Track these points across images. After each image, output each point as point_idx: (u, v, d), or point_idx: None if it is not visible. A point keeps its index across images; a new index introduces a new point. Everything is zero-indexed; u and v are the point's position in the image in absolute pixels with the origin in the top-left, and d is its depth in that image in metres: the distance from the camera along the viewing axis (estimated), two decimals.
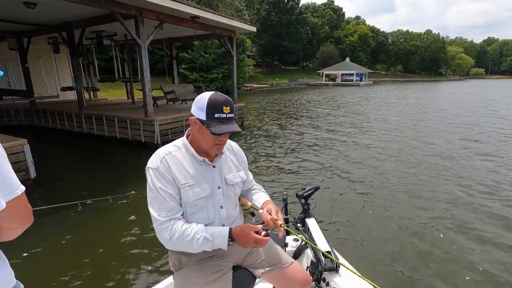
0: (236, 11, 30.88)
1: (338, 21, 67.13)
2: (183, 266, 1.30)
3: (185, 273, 1.28)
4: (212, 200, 1.27)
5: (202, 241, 1.15)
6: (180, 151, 1.26)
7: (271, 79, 45.45)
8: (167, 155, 1.22)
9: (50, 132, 9.63)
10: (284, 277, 1.38)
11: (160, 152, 1.24)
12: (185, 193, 1.21)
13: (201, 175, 1.25)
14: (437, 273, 2.73)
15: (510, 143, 7.85)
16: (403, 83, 57.22)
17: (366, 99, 22.36)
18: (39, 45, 10.86)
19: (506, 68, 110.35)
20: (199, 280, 1.23)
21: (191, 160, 1.25)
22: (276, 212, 1.28)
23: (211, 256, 1.30)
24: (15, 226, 0.82)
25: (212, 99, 1.16)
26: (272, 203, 1.38)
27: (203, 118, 1.16)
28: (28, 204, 0.82)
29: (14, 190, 0.76)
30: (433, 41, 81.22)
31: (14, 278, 0.88)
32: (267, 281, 1.43)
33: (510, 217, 3.78)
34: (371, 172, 5.57)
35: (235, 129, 1.17)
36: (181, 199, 1.22)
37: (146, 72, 7.13)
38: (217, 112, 1.15)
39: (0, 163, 0.73)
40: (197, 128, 1.21)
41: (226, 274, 1.28)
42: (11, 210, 0.75)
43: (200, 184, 1.24)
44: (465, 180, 5.08)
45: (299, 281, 1.37)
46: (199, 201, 1.23)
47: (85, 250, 3.15)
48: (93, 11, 6.68)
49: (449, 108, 16.04)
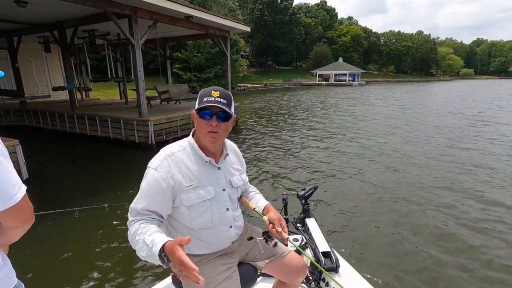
0: (230, 11, 30.82)
1: (331, 22, 67.56)
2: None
3: (198, 273, 1.25)
4: (217, 203, 1.25)
5: (142, 243, 1.03)
6: (184, 151, 1.23)
7: (265, 79, 45.49)
8: (170, 157, 1.18)
9: (41, 132, 9.48)
10: (283, 265, 1.42)
11: (163, 153, 1.20)
12: (187, 196, 1.18)
13: (205, 177, 1.22)
14: (437, 273, 2.74)
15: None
16: (395, 83, 57.94)
17: (360, 100, 22.57)
18: (29, 45, 10.67)
19: (494, 69, 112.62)
20: (213, 280, 1.22)
21: (196, 160, 1.22)
22: (279, 222, 1.27)
23: (221, 255, 1.31)
24: (16, 224, 0.82)
25: (204, 89, 1.20)
26: (272, 208, 1.38)
27: (196, 107, 1.17)
28: (29, 203, 0.82)
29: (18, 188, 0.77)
30: (424, 42, 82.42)
31: (15, 277, 0.88)
32: (269, 272, 1.47)
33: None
34: (371, 172, 5.62)
35: (221, 106, 1.13)
36: (174, 205, 1.18)
37: (140, 72, 7.08)
38: (206, 97, 1.16)
39: (3, 162, 0.74)
40: (195, 121, 1.21)
41: (234, 272, 1.30)
42: (14, 208, 0.75)
43: (204, 186, 1.21)
44: (466, 178, 5.20)
45: (297, 267, 1.43)
46: (203, 204, 1.20)
47: (81, 253, 3.13)
48: (86, 10, 6.60)
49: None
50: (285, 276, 1.46)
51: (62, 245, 3.28)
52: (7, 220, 0.79)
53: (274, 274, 1.48)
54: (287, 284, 1.48)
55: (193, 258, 1.25)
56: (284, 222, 1.29)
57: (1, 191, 0.73)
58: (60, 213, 3.45)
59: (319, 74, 50.34)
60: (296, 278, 1.46)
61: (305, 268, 1.47)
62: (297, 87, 42.06)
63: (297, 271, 1.43)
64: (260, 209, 1.37)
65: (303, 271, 1.46)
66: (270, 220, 1.28)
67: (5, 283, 0.84)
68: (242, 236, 1.41)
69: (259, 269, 1.44)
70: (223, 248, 1.32)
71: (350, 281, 1.62)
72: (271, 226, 1.26)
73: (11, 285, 0.86)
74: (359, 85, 46.72)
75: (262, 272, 1.46)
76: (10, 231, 0.85)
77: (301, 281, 1.54)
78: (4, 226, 0.83)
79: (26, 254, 3.04)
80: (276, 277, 1.52)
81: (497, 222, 3.66)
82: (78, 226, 3.64)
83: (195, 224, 1.22)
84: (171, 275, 1.40)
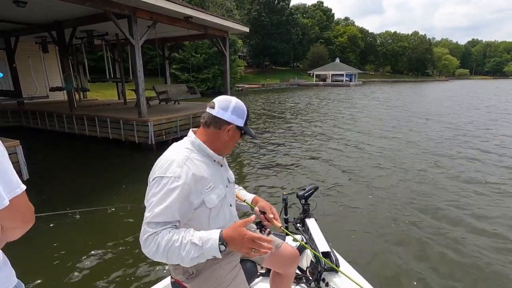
0: (227, 12, 30.83)
1: (327, 22, 67.84)
2: (202, 271, 1.23)
3: (207, 277, 1.22)
4: (226, 200, 1.26)
5: (189, 246, 1.00)
6: (195, 153, 1.19)
7: (262, 79, 45.53)
8: (188, 161, 1.12)
9: (39, 133, 9.42)
10: (278, 257, 1.46)
11: (179, 159, 1.11)
12: (210, 198, 1.16)
13: (215, 176, 1.21)
14: (437, 273, 2.75)
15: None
16: (391, 83, 58.24)
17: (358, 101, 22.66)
18: (27, 45, 10.60)
19: (489, 69, 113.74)
20: (224, 280, 1.22)
21: (205, 161, 1.20)
22: (270, 210, 1.30)
23: (225, 255, 1.27)
24: (16, 225, 0.82)
25: (243, 107, 1.25)
26: (260, 198, 1.42)
27: (240, 124, 1.22)
28: (29, 203, 0.82)
29: (17, 187, 0.76)
30: (420, 43, 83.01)
31: (15, 277, 0.88)
32: (265, 265, 1.52)
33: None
34: (370, 172, 5.67)
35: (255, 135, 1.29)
36: (195, 209, 1.13)
37: (140, 72, 7.07)
38: (247, 119, 1.26)
39: (2, 161, 0.73)
40: (230, 134, 1.21)
41: (240, 269, 1.31)
42: (13, 208, 0.75)
43: (217, 185, 1.20)
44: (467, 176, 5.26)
45: (290, 257, 1.49)
46: (220, 203, 1.20)
47: (81, 254, 3.13)
48: (85, 10, 6.58)
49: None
50: (279, 266, 1.50)
51: (62, 245, 3.28)
52: (11, 219, 0.79)
53: (269, 265, 1.52)
54: (282, 275, 1.53)
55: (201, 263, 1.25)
56: (274, 209, 1.32)
57: (9, 179, 0.75)
58: (61, 214, 3.45)
59: (316, 74, 50.47)
60: (289, 267, 1.52)
61: (297, 258, 1.53)
62: (295, 87, 42.15)
63: (290, 261, 1.49)
64: (249, 201, 1.42)
65: (296, 259, 1.52)
66: (260, 209, 1.31)
67: (5, 283, 0.84)
68: None
69: (259, 263, 1.46)
70: None
71: (350, 281, 1.59)
72: (263, 216, 1.28)
73: (11, 285, 0.86)
74: (356, 85, 46.91)
75: (261, 271, 1.49)
76: (11, 232, 0.84)
77: (294, 270, 1.60)
78: (5, 227, 0.82)
79: (26, 254, 3.03)
80: (272, 269, 1.57)
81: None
82: (78, 228, 3.64)
83: (213, 224, 1.19)
84: (171, 281, 1.36)
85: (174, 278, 1.29)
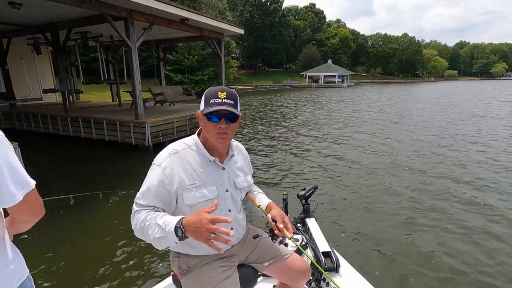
0: (220, 13, 30.85)
1: (319, 24, 68.49)
2: (192, 269, 1.27)
3: (196, 275, 1.26)
4: (219, 203, 1.21)
5: (155, 226, 1.04)
6: (189, 149, 1.23)
7: (255, 80, 45.65)
8: (174, 155, 1.19)
9: (32, 136, 9.27)
10: (285, 268, 1.41)
11: (168, 151, 1.20)
12: (189, 194, 1.17)
13: (208, 177, 1.22)
14: (438, 274, 2.75)
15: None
16: (382, 84, 59.00)
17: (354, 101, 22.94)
18: (20, 46, 10.46)
19: (477, 70, 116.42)
20: (212, 280, 1.23)
21: (201, 159, 1.22)
22: (281, 219, 1.25)
23: (220, 258, 1.31)
24: (28, 219, 0.87)
25: (209, 89, 1.19)
26: (274, 205, 1.37)
27: (202, 108, 1.16)
28: (39, 197, 0.87)
29: (28, 183, 0.81)
30: (409, 44, 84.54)
31: (26, 268, 0.93)
32: (270, 274, 1.45)
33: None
34: (370, 172, 5.76)
35: (229, 109, 1.13)
36: (176, 202, 1.18)
37: (137, 74, 7.08)
38: (212, 98, 1.15)
39: (12, 159, 0.78)
40: (201, 123, 1.21)
41: (234, 272, 1.30)
42: (25, 203, 0.80)
43: (206, 185, 1.21)
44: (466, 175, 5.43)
45: (300, 270, 1.41)
46: (204, 204, 1.17)
47: (81, 252, 3.15)
48: (81, 12, 6.56)
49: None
50: (287, 278, 1.43)
51: (61, 243, 3.28)
52: (24, 213, 0.83)
53: (276, 276, 1.46)
54: (290, 287, 1.46)
55: (191, 259, 1.27)
56: (286, 218, 1.27)
57: (21, 176, 0.79)
58: (61, 214, 3.46)
59: (308, 75, 50.86)
60: (299, 281, 1.43)
61: (309, 272, 1.44)
62: (287, 88, 42.37)
63: (299, 274, 1.41)
64: (264, 206, 1.37)
65: (307, 274, 1.43)
66: (272, 217, 1.27)
67: (18, 274, 0.89)
68: (243, 239, 1.40)
69: (258, 271, 1.43)
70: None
71: (350, 281, 1.62)
72: (274, 224, 1.25)
73: (24, 276, 0.91)
74: (348, 86, 47.45)
75: (262, 273, 1.46)
76: (22, 225, 0.90)
77: (304, 284, 1.51)
78: (18, 221, 0.87)
79: (30, 251, 3.04)
80: (278, 279, 1.51)
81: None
82: (77, 227, 3.66)
83: None
84: (171, 274, 1.40)
85: (173, 271, 1.34)
